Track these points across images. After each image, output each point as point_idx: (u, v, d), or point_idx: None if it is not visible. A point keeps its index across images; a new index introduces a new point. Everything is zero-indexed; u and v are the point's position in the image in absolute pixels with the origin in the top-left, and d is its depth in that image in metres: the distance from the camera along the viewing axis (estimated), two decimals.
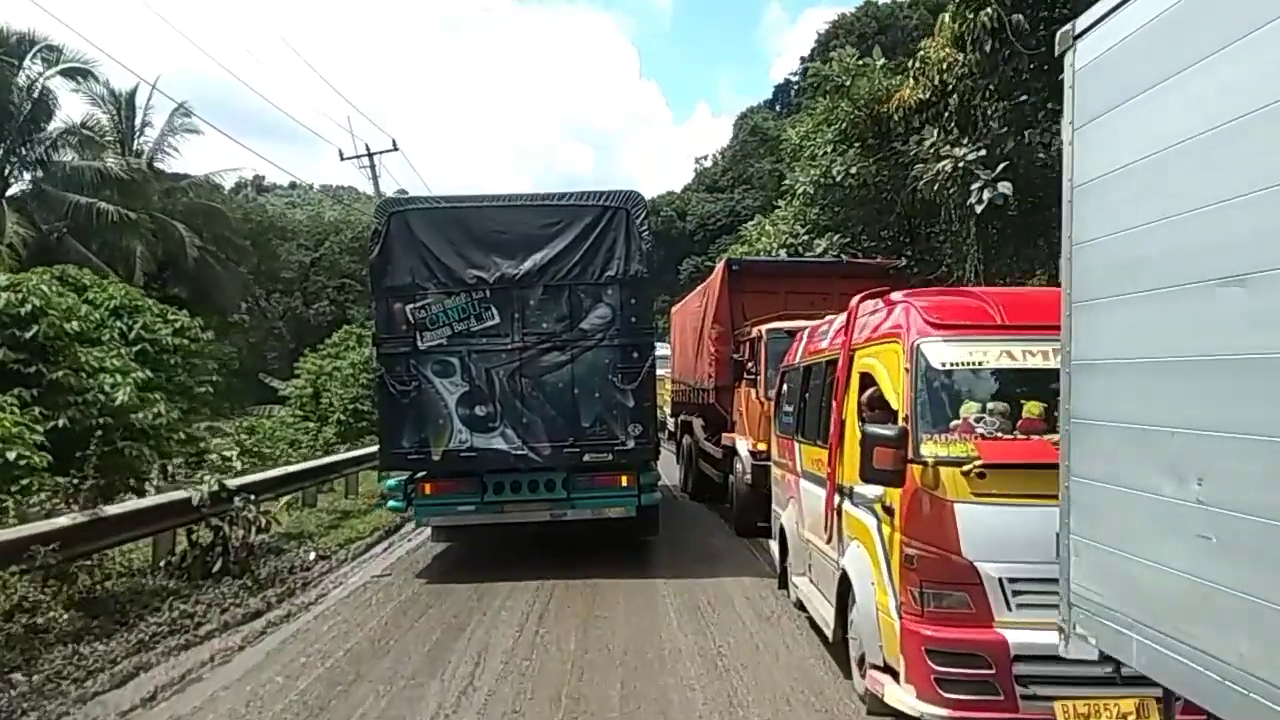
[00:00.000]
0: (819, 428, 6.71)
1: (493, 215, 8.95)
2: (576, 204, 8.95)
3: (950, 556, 4.55)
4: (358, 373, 24.95)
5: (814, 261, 15.16)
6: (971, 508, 4.55)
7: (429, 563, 10.02)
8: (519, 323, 8.79)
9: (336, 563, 9.86)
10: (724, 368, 12.53)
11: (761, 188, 50.70)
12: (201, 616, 7.33)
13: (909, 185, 18.13)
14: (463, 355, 8.76)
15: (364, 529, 11.58)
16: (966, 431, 4.69)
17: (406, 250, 8.76)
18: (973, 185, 16.02)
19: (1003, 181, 15.78)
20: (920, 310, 5.08)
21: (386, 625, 7.38)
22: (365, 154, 32.26)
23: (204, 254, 31.50)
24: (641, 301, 9.02)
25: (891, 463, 4.60)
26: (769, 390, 10.80)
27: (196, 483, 8.57)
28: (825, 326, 7.36)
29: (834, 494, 5.95)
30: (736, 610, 7.64)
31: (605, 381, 8.83)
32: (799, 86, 68.59)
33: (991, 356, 4.84)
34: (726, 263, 12.73)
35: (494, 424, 8.77)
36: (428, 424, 8.73)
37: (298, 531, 10.81)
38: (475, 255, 8.80)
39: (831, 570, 6.06)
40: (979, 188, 15.90)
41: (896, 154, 18.75)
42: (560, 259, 8.81)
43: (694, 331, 14.43)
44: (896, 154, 18.75)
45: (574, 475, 9.01)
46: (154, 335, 16.05)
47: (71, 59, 29.93)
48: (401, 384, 8.74)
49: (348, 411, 24.36)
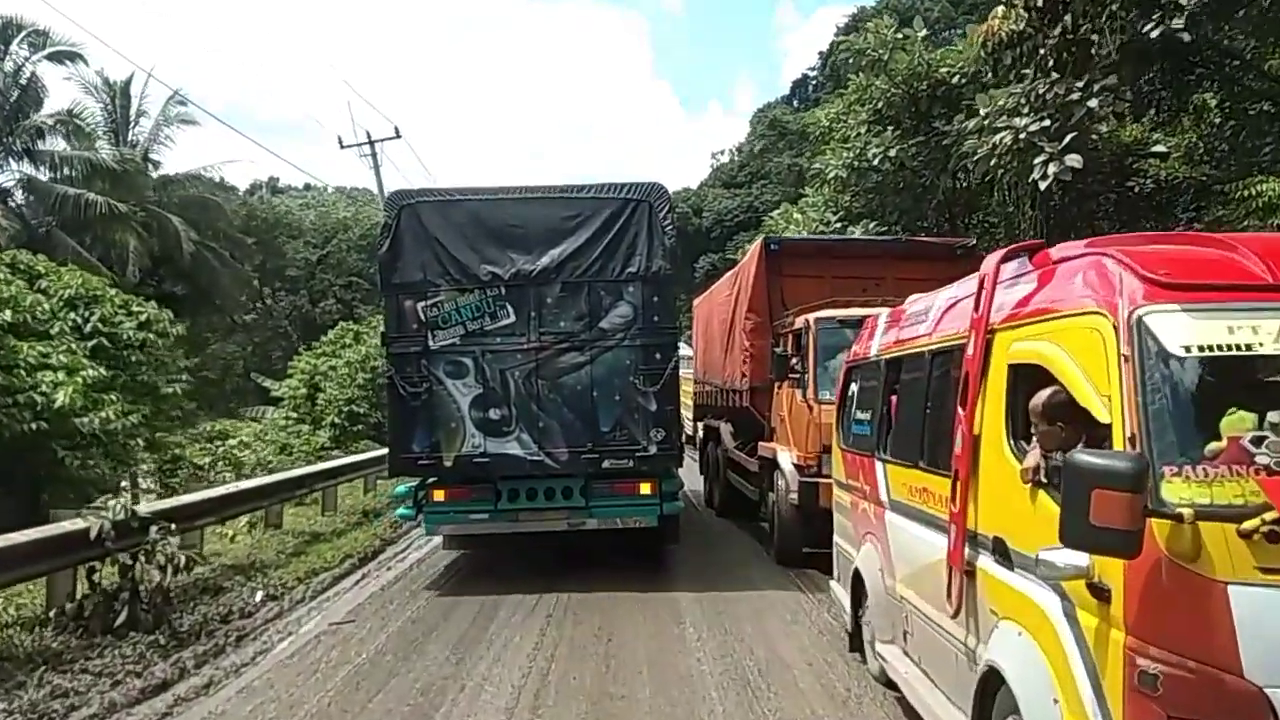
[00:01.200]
0: (923, 445, 4.80)
1: (508, 208, 8.57)
2: (596, 196, 8.58)
3: (1222, 677, 2.64)
4: (354, 372, 23.21)
5: (866, 241, 13.03)
6: (1259, 593, 2.65)
7: (402, 604, 8.14)
8: (535, 321, 8.42)
9: (290, 604, 8.00)
10: (760, 365, 10.64)
11: (781, 183, 48.76)
12: (81, 693, 5.45)
13: (957, 164, 16.38)
14: (476, 355, 8.38)
15: (333, 556, 9.71)
16: (1239, 461, 2.77)
17: (417, 244, 8.39)
18: (1035, 159, 14.05)
19: (1071, 155, 13.76)
20: (1134, 264, 3.15)
21: (330, 707, 5.50)
22: (366, 141, 30.34)
23: (202, 249, 29.86)
24: (664, 299, 8.66)
25: (1126, 517, 2.66)
26: (819, 391, 8.96)
27: (99, 509, 6.70)
28: (922, 305, 5.45)
29: (963, 545, 4.03)
30: (799, 685, 5.71)
31: (626, 384, 8.39)
32: (817, 81, 67.09)
33: (1270, 336, 2.93)
34: (764, 243, 10.80)
35: (509, 428, 8.39)
36: (439, 427, 8.34)
37: (249, 562, 8.92)
38: (490, 250, 8.42)
39: (957, 657, 4.14)
40: (1043, 161, 13.92)
41: (938, 134, 17.06)
42: (579, 254, 8.42)
43: (723, 324, 12.53)
44: (938, 134, 17.06)
45: (593, 483, 8.56)
46: (114, 329, 14.26)
47: (59, 43, 28.48)
48: (412, 385, 8.35)
49: (343, 414, 22.60)
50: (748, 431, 11.62)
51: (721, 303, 12.89)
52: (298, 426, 23.14)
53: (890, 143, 17.93)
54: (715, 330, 13.48)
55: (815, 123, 23.91)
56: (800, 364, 9.30)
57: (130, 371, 14.61)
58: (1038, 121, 14.07)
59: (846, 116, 20.39)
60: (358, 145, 30.38)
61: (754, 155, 56.78)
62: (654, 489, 8.62)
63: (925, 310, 5.30)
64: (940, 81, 17.42)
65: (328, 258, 47.71)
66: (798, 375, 9.33)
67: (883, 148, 18.15)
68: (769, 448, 10.17)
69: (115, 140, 30.58)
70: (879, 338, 6.16)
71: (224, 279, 31.33)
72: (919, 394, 5.05)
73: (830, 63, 66.47)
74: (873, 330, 6.43)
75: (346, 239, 49.41)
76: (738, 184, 56.43)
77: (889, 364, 5.74)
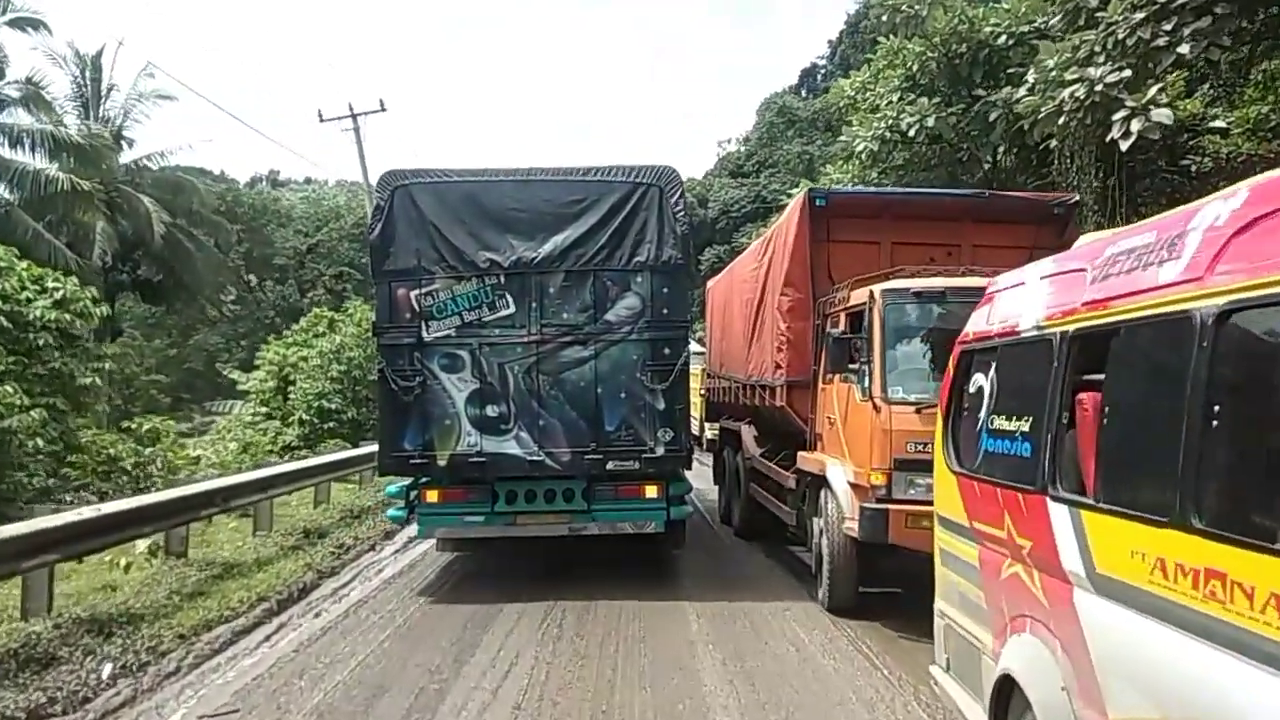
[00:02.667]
0: (1196, 488, 2.50)
1: (509, 191, 8.17)
2: (604, 180, 8.15)
3: None
4: (327, 363, 20.95)
5: (939, 195, 10.36)
6: None
7: (317, 677, 5.82)
8: (537, 313, 8.04)
9: (153, 680, 5.67)
10: (800, 354, 8.39)
11: (791, 171, 46.39)
12: None
13: (1009, 128, 14.25)
14: (473, 348, 8.01)
15: (243, 600, 7.35)
16: None
17: (411, 229, 8.03)
18: (1116, 115, 11.71)
19: (1159, 108, 11.37)
20: None
21: None
22: (349, 114, 27.77)
23: (175, 232, 27.33)
24: (674, 291, 8.17)
25: None
26: (888, 387, 6.71)
27: None
28: (1151, 237, 3.12)
29: None
30: None
31: (633, 380, 8.01)
32: (827, 70, 64.90)
33: None
34: (807, 196, 8.44)
35: (507, 426, 8.02)
36: (433, 424, 7.97)
37: (115, 614, 6.56)
38: (489, 236, 8.05)
39: None
40: (1124, 118, 11.57)
41: (980, 102, 14.86)
42: (584, 241, 8.03)
43: (748, 305, 10.22)
44: (980, 102, 14.86)
45: (595, 485, 8.14)
46: (16, 308, 11.97)
47: (20, 9, 26.21)
48: (404, 379, 7.94)
49: (313, 410, 20.31)
50: (779, 437, 9.33)
51: (746, 279, 10.56)
52: (266, 423, 21.07)
53: (926, 111, 15.88)
54: (736, 313, 11.17)
55: (839, 94, 21.64)
56: (862, 351, 7.01)
57: (41, 359, 12.35)
58: (1116, 71, 11.72)
59: (875, 84, 18.46)
60: (339, 119, 27.69)
61: (762, 144, 54.34)
62: (660, 492, 8.14)
63: (1166, 243, 2.98)
64: (983, 43, 15.52)
65: (318, 247, 45.66)
66: (857, 365, 7.04)
67: (918, 117, 16.17)
68: (813, 460, 7.88)
69: (85, 115, 28.24)
70: (1038, 300, 3.85)
71: (199, 264, 29.02)
72: (1168, 389, 2.76)
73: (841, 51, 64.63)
74: (1019, 291, 4.13)
75: (338, 228, 47.77)
76: (745, 173, 54.07)
77: (1075, 341, 3.43)
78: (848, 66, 63.78)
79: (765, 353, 9.17)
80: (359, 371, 20.69)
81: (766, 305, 9.17)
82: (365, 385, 20.21)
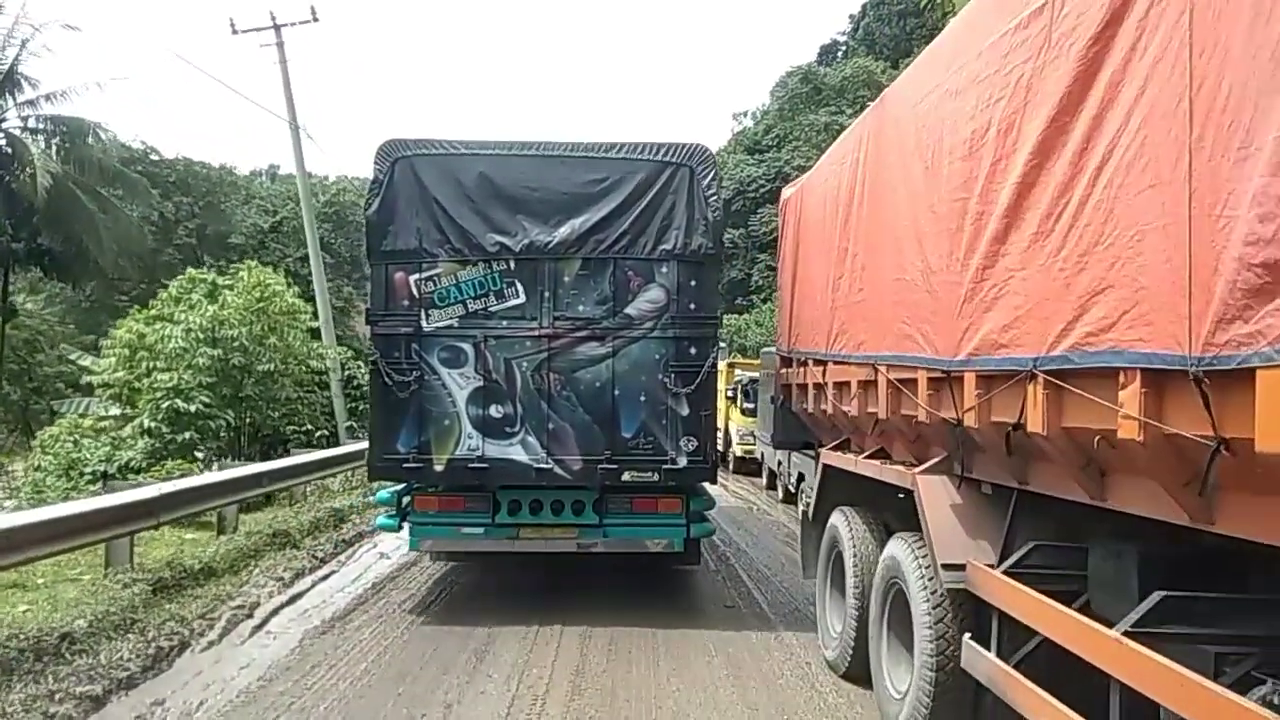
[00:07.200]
0: None
1: (523, 167, 7.64)
2: (628, 157, 7.61)
3: None
4: (195, 345, 15.24)
5: None
6: None
7: None
8: (550, 304, 7.56)
9: None
10: None
11: (814, 145, 43.52)
12: None
13: None
14: (477, 341, 7.53)
15: None
16: None
17: (413, 206, 7.53)
18: None
19: None
20: None
21: None
22: (270, 25, 21.35)
23: (74, 186, 22.17)
24: (704, 284, 7.67)
25: None
26: None
27: None
28: None
29: None
30: None
31: (654, 382, 7.53)
32: (848, 46, 62.31)
33: None
34: None
35: (512, 429, 7.55)
36: (430, 424, 7.52)
37: None
38: (499, 216, 7.56)
39: None
40: None
41: None
42: (605, 225, 7.54)
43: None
44: None
45: (609, 497, 7.71)
46: None
47: None
48: (399, 373, 7.46)
49: (162, 413, 14.54)
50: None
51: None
52: (119, 429, 15.35)
53: None
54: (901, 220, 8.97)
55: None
56: None
57: None
58: None
59: None
60: (257, 30, 21.65)
61: (782, 117, 51.57)
62: (680, 507, 7.78)
63: None
64: None
65: (281, 225, 39.68)
66: None
67: None
68: None
69: None
70: None
71: (103, 229, 23.27)
72: None
73: (864, 25, 61.90)
74: None
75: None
76: (762, 149, 51.21)
77: None
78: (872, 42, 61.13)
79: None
80: (242, 358, 15.75)
81: None
82: (256, 378, 16.11)
